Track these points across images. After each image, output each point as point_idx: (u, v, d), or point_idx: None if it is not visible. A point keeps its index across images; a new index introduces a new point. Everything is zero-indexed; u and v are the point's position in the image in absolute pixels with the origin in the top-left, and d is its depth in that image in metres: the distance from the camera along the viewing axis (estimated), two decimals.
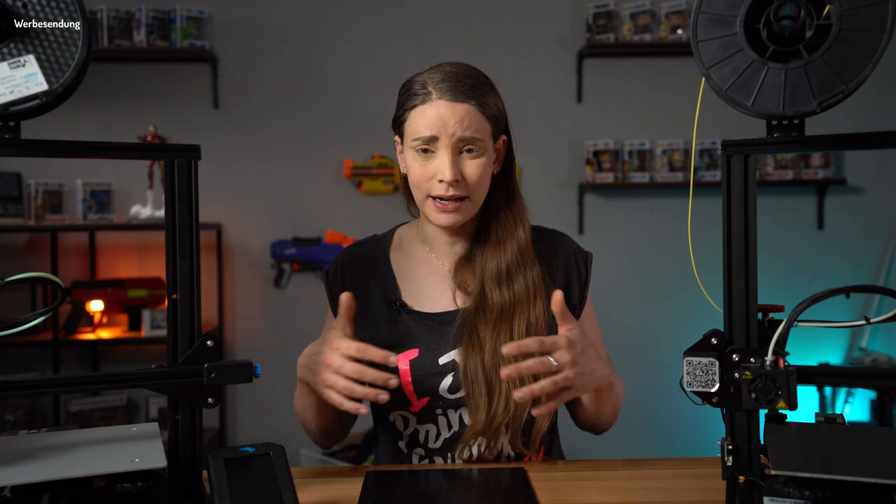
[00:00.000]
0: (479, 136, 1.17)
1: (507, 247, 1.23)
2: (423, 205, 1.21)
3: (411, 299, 1.27)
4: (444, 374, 1.21)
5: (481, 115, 1.17)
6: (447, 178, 1.15)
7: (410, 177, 1.21)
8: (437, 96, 1.15)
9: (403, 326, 1.25)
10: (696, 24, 0.85)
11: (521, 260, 1.23)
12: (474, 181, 1.18)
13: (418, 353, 1.22)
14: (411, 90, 1.19)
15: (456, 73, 1.18)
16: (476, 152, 1.17)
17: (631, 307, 3.53)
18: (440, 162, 1.16)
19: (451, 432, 1.23)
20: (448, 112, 1.15)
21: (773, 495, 0.81)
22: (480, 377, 1.17)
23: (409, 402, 1.22)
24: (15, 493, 0.79)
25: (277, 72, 3.49)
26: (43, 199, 3.24)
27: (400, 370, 1.20)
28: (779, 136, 0.84)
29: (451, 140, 1.15)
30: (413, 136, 1.18)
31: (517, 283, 1.21)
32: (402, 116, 1.20)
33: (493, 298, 1.21)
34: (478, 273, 1.24)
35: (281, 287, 3.50)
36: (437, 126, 1.15)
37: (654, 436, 3.42)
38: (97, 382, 0.90)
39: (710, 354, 0.88)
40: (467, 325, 1.21)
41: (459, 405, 1.22)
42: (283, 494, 0.84)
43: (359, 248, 1.35)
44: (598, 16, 3.40)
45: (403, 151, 1.24)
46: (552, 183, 3.52)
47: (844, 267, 3.53)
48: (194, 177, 0.90)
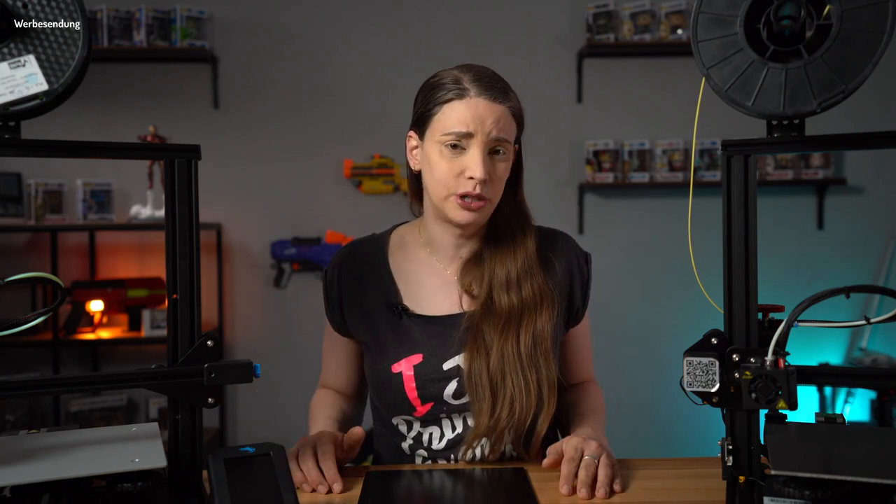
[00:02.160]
0: (509, 139, 1.17)
1: (517, 255, 1.23)
2: (444, 202, 1.18)
3: (412, 302, 1.25)
4: (448, 379, 1.20)
5: (512, 117, 1.18)
6: (478, 175, 1.13)
7: (435, 172, 1.17)
8: (475, 93, 1.14)
9: (405, 330, 1.23)
10: (696, 24, 0.85)
11: (529, 268, 1.23)
12: (499, 183, 1.18)
13: (422, 357, 1.21)
14: (443, 84, 1.17)
15: (490, 74, 1.18)
16: (504, 154, 1.18)
17: (631, 307, 3.53)
18: (471, 159, 1.14)
19: (455, 434, 1.22)
20: (487, 111, 1.14)
21: (773, 495, 0.81)
22: (485, 382, 1.17)
23: (413, 407, 1.22)
24: (15, 493, 0.78)
25: (277, 72, 3.49)
26: (43, 199, 3.24)
27: (404, 376, 1.21)
28: (779, 136, 0.84)
29: (486, 139, 1.14)
30: (445, 130, 1.15)
31: (525, 290, 1.21)
32: (432, 110, 1.17)
33: (500, 303, 1.20)
34: (486, 278, 1.22)
35: (281, 287, 3.50)
36: (474, 123, 1.14)
37: (654, 436, 3.42)
38: (97, 382, 0.90)
39: (711, 354, 0.88)
40: (472, 329, 1.19)
41: (464, 410, 1.21)
42: (283, 494, 0.84)
43: (356, 247, 1.33)
44: (598, 16, 3.40)
45: (422, 147, 1.21)
46: (552, 183, 3.52)
47: (844, 267, 3.53)
48: (194, 177, 0.90)
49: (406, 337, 1.23)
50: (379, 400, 1.28)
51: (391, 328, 1.24)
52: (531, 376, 1.17)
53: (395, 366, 1.22)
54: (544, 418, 1.18)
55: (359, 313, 1.27)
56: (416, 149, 1.23)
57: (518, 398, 1.16)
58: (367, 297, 1.27)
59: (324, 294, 1.32)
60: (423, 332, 1.23)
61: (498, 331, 1.18)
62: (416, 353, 1.21)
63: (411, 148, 1.24)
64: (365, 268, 1.29)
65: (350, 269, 1.30)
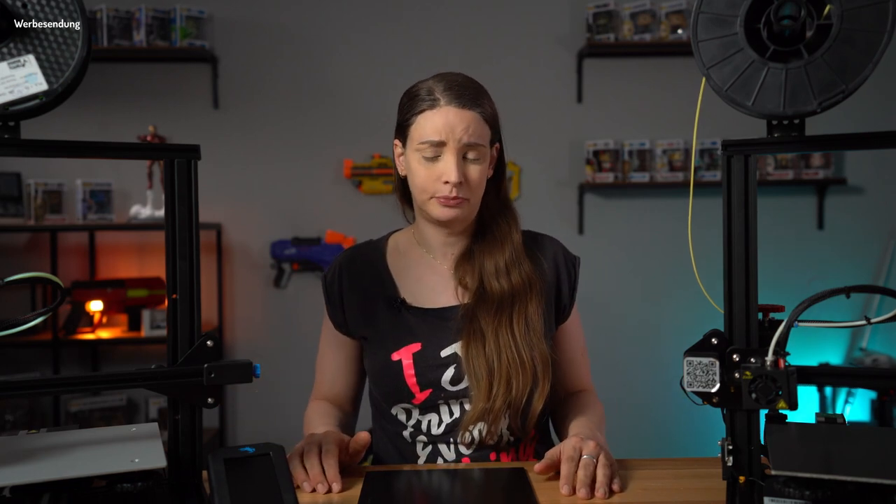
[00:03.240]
0: (481, 142, 1.24)
1: (504, 247, 1.30)
2: (427, 204, 1.26)
3: (411, 296, 1.32)
4: (446, 366, 1.26)
5: (483, 121, 1.25)
6: (453, 179, 1.21)
7: (414, 178, 1.26)
8: (445, 102, 1.22)
9: (404, 322, 1.30)
10: (697, 24, 0.85)
11: (517, 258, 1.30)
12: (475, 184, 1.25)
13: (421, 346, 1.27)
14: (418, 96, 1.25)
15: (460, 83, 1.25)
16: (477, 157, 1.24)
17: (631, 307, 3.53)
18: (446, 165, 1.22)
19: (453, 419, 1.27)
20: (456, 118, 1.22)
21: (773, 495, 0.81)
22: (482, 363, 1.23)
23: (412, 394, 1.27)
24: (15, 493, 0.78)
25: (277, 72, 3.49)
26: (43, 199, 3.24)
27: (403, 364, 1.26)
28: (779, 136, 0.84)
29: (458, 145, 1.22)
30: (420, 139, 1.23)
31: (514, 276, 1.28)
32: (409, 121, 1.25)
33: (492, 289, 1.27)
34: (477, 270, 1.30)
35: (281, 287, 3.50)
36: (445, 131, 1.21)
37: (654, 436, 3.42)
38: (97, 382, 0.90)
39: (711, 354, 0.88)
40: (468, 318, 1.26)
41: (461, 396, 1.26)
42: (283, 494, 0.84)
43: (356, 251, 1.41)
44: (598, 16, 3.40)
45: (405, 154, 1.29)
46: (552, 183, 3.52)
47: (844, 267, 3.53)
48: (194, 177, 0.90)
49: (405, 328, 1.29)
50: (378, 390, 1.32)
51: (390, 321, 1.30)
52: (525, 354, 1.23)
53: (394, 354, 1.27)
54: (539, 395, 1.24)
55: (359, 309, 1.33)
56: (401, 156, 1.31)
57: (514, 375, 1.22)
58: (367, 293, 1.33)
59: (325, 294, 1.37)
60: (421, 322, 1.29)
61: (492, 315, 1.25)
62: (415, 342, 1.27)
63: (398, 155, 1.32)
64: (365, 268, 1.36)
65: (350, 270, 1.36)
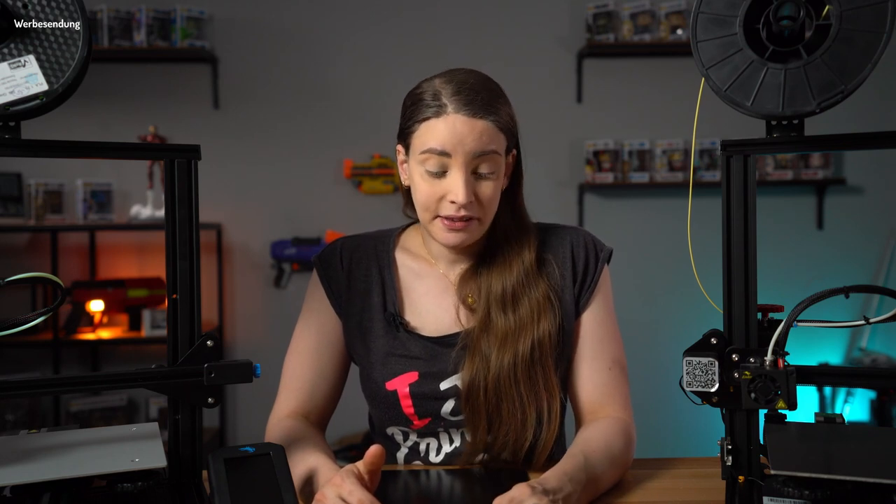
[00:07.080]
0: (496, 154, 1.09)
1: (513, 268, 1.16)
2: (430, 225, 1.12)
3: (412, 316, 1.20)
4: (445, 398, 1.15)
5: (498, 130, 1.08)
6: (461, 199, 1.06)
7: (417, 195, 1.11)
8: (452, 110, 1.05)
9: (401, 344, 1.18)
10: (696, 25, 0.85)
11: (527, 281, 1.16)
12: (487, 202, 1.10)
13: (417, 377, 1.15)
14: (422, 100, 1.08)
15: (472, 85, 1.07)
16: (491, 172, 1.09)
17: (631, 307, 3.52)
18: (453, 182, 1.07)
19: (453, 447, 1.19)
20: (465, 129, 1.05)
21: (772, 495, 0.81)
22: (482, 401, 1.11)
23: (410, 421, 1.17)
24: (15, 493, 0.79)
25: (277, 72, 3.48)
26: (43, 199, 3.24)
27: (399, 394, 1.15)
28: (778, 136, 0.84)
29: (467, 159, 1.06)
30: (423, 148, 1.07)
31: (522, 306, 1.14)
32: (411, 128, 1.10)
33: (498, 323, 1.13)
34: (483, 292, 1.16)
35: (281, 287, 3.50)
36: (451, 143, 1.05)
37: (654, 436, 3.41)
38: (97, 382, 0.90)
39: (710, 354, 0.88)
40: (470, 348, 1.14)
41: (462, 425, 1.17)
42: (283, 494, 0.84)
43: (363, 239, 1.26)
44: (598, 16, 3.40)
45: (408, 163, 1.14)
46: (552, 183, 3.52)
47: (844, 267, 3.53)
48: (194, 177, 0.90)
49: (402, 351, 1.17)
50: (374, 411, 1.23)
51: (387, 338, 1.18)
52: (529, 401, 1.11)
53: (388, 384, 1.16)
54: (547, 439, 1.13)
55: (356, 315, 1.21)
56: (404, 163, 1.17)
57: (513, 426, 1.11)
58: (368, 296, 1.21)
59: (321, 278, 1.23)
60: (420, 350, 1.17)
61: (495, 350, 1.12)
62: (411, 370, 1.16)
63: (400, 162, 1.18)
64: (370, 262, 1.23)
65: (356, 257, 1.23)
